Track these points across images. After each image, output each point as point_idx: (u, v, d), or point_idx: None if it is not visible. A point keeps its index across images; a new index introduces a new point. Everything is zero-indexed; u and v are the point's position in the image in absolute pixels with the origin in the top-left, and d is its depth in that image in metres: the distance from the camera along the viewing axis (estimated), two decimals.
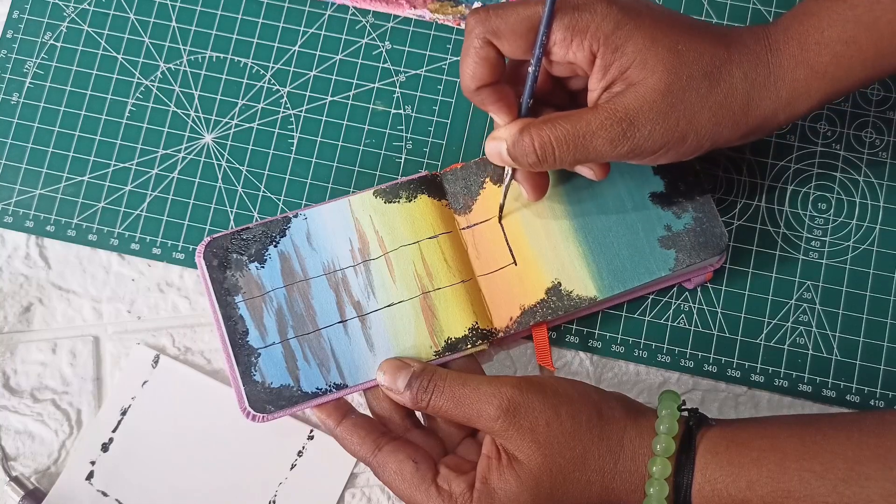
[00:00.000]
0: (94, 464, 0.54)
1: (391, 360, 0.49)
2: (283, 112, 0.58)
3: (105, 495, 0.53)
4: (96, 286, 0.57)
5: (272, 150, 0.58)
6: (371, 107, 0.58)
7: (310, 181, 0.57)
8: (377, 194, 0.52)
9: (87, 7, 0.60)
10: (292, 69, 0.59)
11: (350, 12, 0.59)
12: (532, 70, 0.45)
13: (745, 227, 0.56)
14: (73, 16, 0.60)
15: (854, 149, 0.57)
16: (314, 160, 0.57)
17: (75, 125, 0.58)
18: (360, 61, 0.59)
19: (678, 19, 0.45)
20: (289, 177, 0.57)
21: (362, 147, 0.58)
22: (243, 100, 0.58)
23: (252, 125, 0.58)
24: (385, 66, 0.59)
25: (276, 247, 0.51)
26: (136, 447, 0.54)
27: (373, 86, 0.58)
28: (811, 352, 0.54)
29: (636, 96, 0.44)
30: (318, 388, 0.49)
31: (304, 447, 0.54)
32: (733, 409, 0.54)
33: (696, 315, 0.55)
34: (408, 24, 0.59)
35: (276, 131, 0.58)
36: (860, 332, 0.54)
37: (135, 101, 0.58)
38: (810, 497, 0.43)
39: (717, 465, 0.45)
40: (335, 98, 0.58)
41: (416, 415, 0.51)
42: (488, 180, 0.53)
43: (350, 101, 0.58)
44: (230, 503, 0.53)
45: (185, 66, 0.59)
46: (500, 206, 0.52)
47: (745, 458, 0.44)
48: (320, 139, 0.58)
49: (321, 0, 0.59)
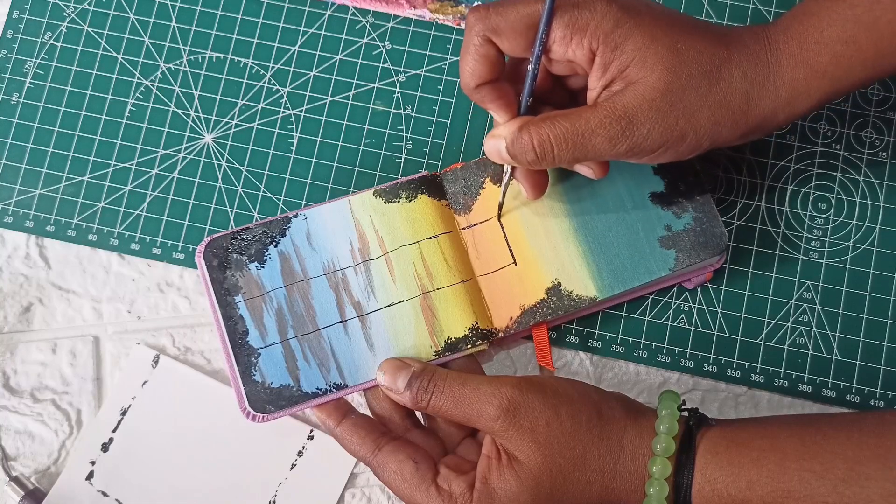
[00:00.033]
0: (94, 464, 0.54)
1: (391, 360, 0.49)
2: (283, 112, 0.58)
3: (105, 495, 0.53)
4: (96, 286, 0.57)
5: (272, 150, 0.58)
6: (371, 107, 0.58)
7: (310, 181, 0.57)
8: (377, 194, 0.52)
9: (87, 7, 0.60)
10: (292, 69, 0.59)
11: (350, 12, 0.59)
12: (531, 68, 0.45)
13: (745, 227, 0.56)
14: (73, 16, 0.60)
15: (854, 149, 0.57)
16: (314, 160, 0.57)
17: (75, 125, 0.58)
18: (360, 61, 0.59)
19: (678, 18, 0.45)
20: (289, 177, 0.57)
21: (362, 147, 0.58)
22: (243, 100, 0.58)
23: (252, 125, 0.58)
24: (385, 66, 0.59)
25: (276, 247, 0.51)
26: (136, 447, 0.54)
27: (373, 86, 0.58)
28: (811, 352, 0.54)
29: (635, 95, 0.44)
30: (318, 388, 0.49)
31: (304, 447, 0.54)
32: (733, 409, 0.54)
33: (696, 315, 0.55)
34: (408, 24, 0.59)
35: (276, 131, 0.58)
36: (860, 332, 0.54)
37: (135, 101, 0.59)
38: (810, 497, 0.43)
39: (717, 465, 0.44)
40: (335, 98, 0.58)
41: (416, 415, 0.51)
42: (488, 180, 0.53)
43: (350, 101, 0.58)
44: (230, 503, 0.53)
45: (185, 66, 0.59)
46: (499, 205, 0.52)
47: (745, 458, 0.44)
48: (320, 139, 0.58)
49: (321, 0, 0.59)
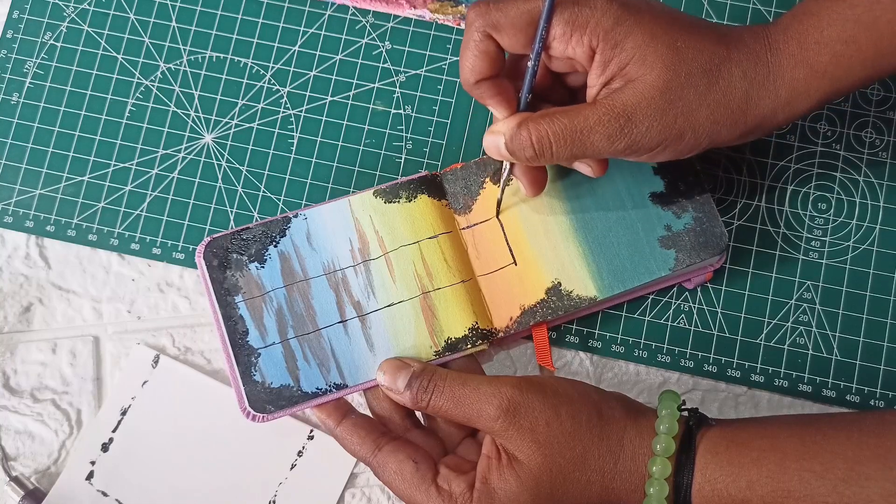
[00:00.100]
0: (94, 464, 0.54)
1: (391, 360, 0.49)
2: (283, 112, 0.58)
3: (105, 495, 0.53)
4: (96, 286, 0.57)
5: (272, 150, 0.58)
6: (371, 107, 0.58)
7: (310, 181, 0.57)
8: (377, 194, 0.52)
9: (87, 7, 0.60)
10: (292, 69, 0.59)
11: (350, 12, 0.59)
12: (531, 64, 0.45)
13: (745, 227, 0.56)
14: (73, 16, 0.60)
15: (854, 149, 0.57)
16: (314, 160, 0.57)
17: (75, 125, 0.58)
18: (360, 61, 0.59)
19: (678, 17, 0.45)
20: (289, 177, 0.57)
21: (362, 147, 0.58)
22: (243, 100, 0.58)
23: (252, 125, 0.58)
24: (385, 66, 0.59)
25: (276, 247, 0.51)
26: (136, 447, 0.54)
27: (373, 86, 0.58)
28: (811, 352, 0.54)
29: (634, 93, 0.44)
30: (318, 388, 0.49)
31: (304, 447, 0.54)
32: (733, 409, 0.54)
33: (696, 315, 0.55)
34: (408, 24, 0.59)
35: (276, 131, 0.58)
36: (860, 332, 0.54)
37: (135, 101, 0.59)
38: (810, 497, 0.43)
39: (717, 464, 0.44)
40: (335, 98, 0.58)
41: (416, 415, 0.51)
42: (488, 180, 0.53)
43: (350, 101, 0.58)
44: (230, 503, 0.53)
45: (185, 66, 0.59)
46: (498, 202, 0.52)
47: (745, 458, 0.44)
48: (320, 139, 0.58)
49: (321, 0, 0.59)
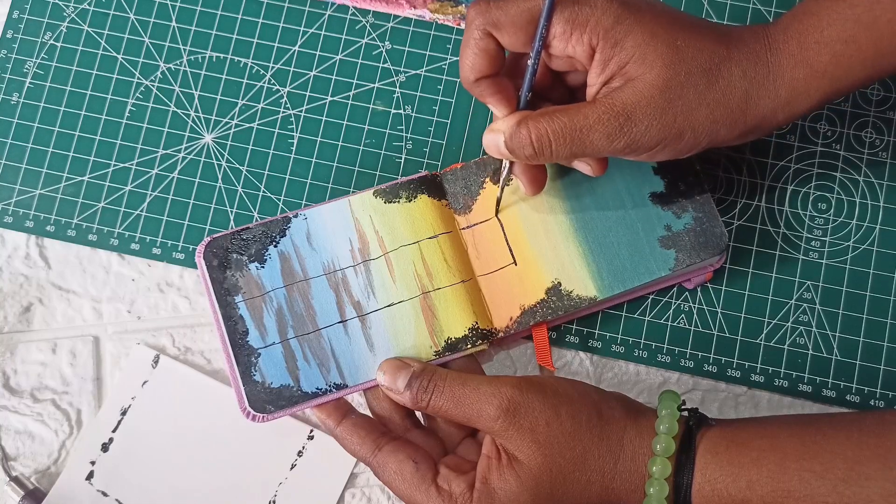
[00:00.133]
0: (94, 464, 0.54)
1: (391, 360, 0.49)
2: (283, 112, 0.58)
3: (105, 495, 0.53)
4: (96, 286, 0.57)
5: (272, 150, 0.58)
6: (371, 107, 0.58)
7: (310, 181, 0.57)
8: (377, 194, 0.52)
9: (87, 7, 0.60)
10: (292, 69, 0.59)
11: (350, 12, 0.59)
12: (531, 63, 0.45)
13: (745, 227, 0.56)
14: (73, 16, 0.60)
15: (854, 149, 0.57)
16: (314, 160, 0.57)
17: (75, 125, 0.58)
18: (360, 61, 0.59)
19: (678, 16, 0.45)
20: (289, 177, 0.57)
21: (362, 147, 0.58)
22: (243, 100, 0.58)
23: (252, 125, 0.58)
24: (385, 66, 0.59)
25: (276, 247, 0.51)
26: (136, 447, 0.54)
27: (373, 86, 0.58)
28: (811, 352, 0.54)
29: (634, 91, 0.44)
30: (318, 388, 0.49)
31: (304, 447, 0.54)
32: (733, 409, 0.54)
33: (696, 315, 0.55)
34: (408, 24, 0.59)
35: (276, 131, 0.58)
36: (860, 332, 0.54)
37: (135, 101, 0.59)
38: (810, 497, 0.43)
39: (717, 464, 0.44)
40: (335, 98, 0.58)
41: (416, 415, 0.51)
42: (488, 180, 0.53)
43: (350, 101, 0.58)
44: (230, 503, 0.53)
45: (185, 66, 0.59)
46: (497, 200, 0.52)
47: (745, 458, 0.44)
48: (320, 139, 0.58)
49: (321, 0, 0.59)
